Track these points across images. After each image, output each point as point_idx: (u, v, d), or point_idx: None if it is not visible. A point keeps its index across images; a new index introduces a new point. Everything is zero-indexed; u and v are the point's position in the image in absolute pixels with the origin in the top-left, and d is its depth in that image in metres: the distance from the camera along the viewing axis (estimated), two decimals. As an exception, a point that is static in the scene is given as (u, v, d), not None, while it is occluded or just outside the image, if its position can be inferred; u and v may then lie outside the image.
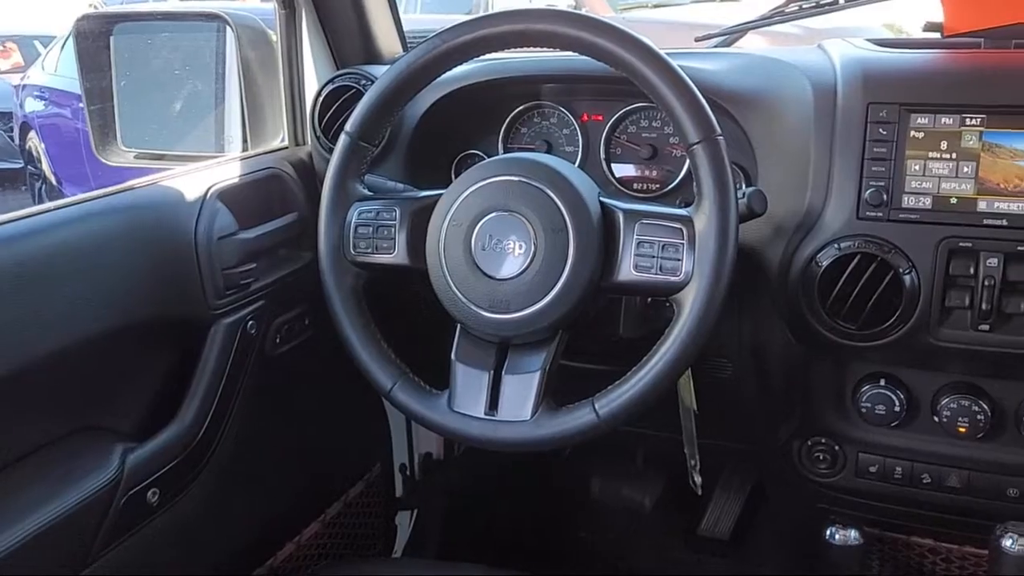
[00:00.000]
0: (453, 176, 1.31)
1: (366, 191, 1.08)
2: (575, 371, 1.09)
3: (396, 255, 1.04)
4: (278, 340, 1.25)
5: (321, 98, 1.32)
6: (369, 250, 1.05)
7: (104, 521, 1.01)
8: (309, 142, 1.37)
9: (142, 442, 1.07)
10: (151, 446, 1.08)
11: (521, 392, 0.97)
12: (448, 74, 1.06)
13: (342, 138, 1.06)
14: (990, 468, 1.13)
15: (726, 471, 1.73)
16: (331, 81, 1.32)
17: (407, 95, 1.05)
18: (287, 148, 1.38)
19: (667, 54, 0.94)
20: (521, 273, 0.96)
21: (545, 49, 1.01)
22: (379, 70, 1.24)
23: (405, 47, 1.46)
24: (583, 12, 1.00)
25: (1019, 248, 1.00)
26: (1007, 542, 1.09)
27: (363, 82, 1.29)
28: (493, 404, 0.98)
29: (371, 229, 1.05)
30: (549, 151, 1.28)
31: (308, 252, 1.26)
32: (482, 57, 1.06)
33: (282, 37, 1.35)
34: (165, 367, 1.14)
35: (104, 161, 1.45)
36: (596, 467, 1.82)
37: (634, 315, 1.13)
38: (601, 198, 0.98)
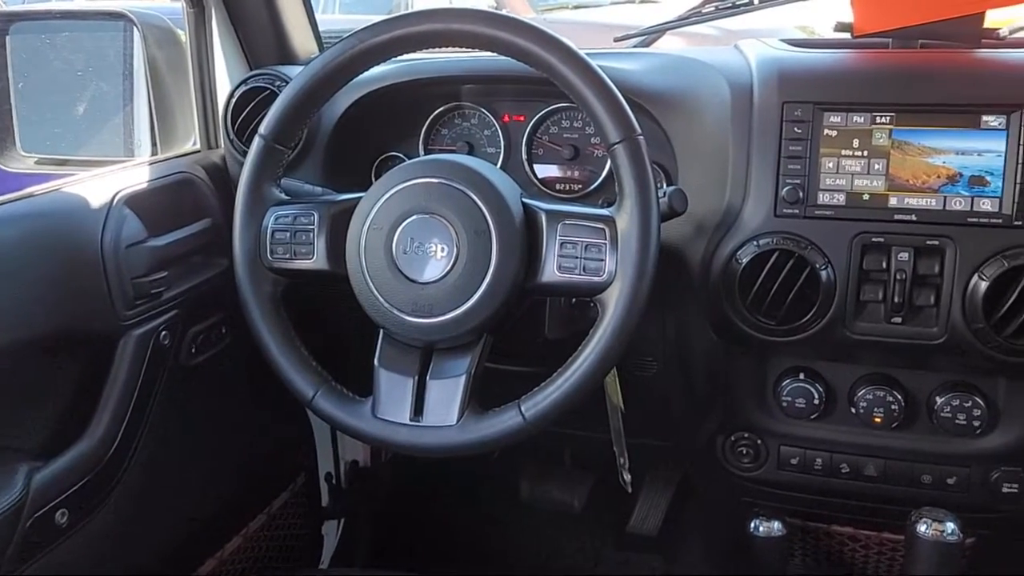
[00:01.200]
0: (373, 179, 1.29)
1: (282, 195, 1.05)
2: (501, 374, 1.09)
3: (315, 260, 1.02)
4: (193, 350, 1.21)
5: (234, 100, 1.28)
6: (287, 256, 1.02)
7: (9, 545, 0.96)
8: (222, 145, 1.33)
9: (49, 461, 1.02)
10: (59, 464, 1.03)
11: (446, 397, 0.96)
12: (366, 74, 1.05)
13: (256, 141, 1.03)
14: (905, 456, 1.17)
15: (653, 468, 1.74)
16: (244, 82, 1.28)
17: (324, 96, 1.03)
18: (199, 152, 1.34)
19: (587, 54, 0.94)
20: (444, 276, 0.95)
21: (465, 49, 1.00)
22: (294, 70, 1.21)
23: (321, 47, 1.43)
24: (503, 12, 0.99)
25: (928, 242, 1.03)
26: (922, 527, 1.13)
27: (277, 83, 1.26)
28: (418, 410, 0.97)
29: (289, 234, 1.02)
30: (471, 152, 1.27)
31: (223, 259, 1.22)
32: (401, 57, 1.05)
33: (191, 37, 1.31)
34: (73, 382, 1.09)
35: (1, 167, 1.38)
36: (524, 468, 1.82)
37: (559, 316, 1.13)
38: (523, 199, 0.98)
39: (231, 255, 1.04)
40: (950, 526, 1.12)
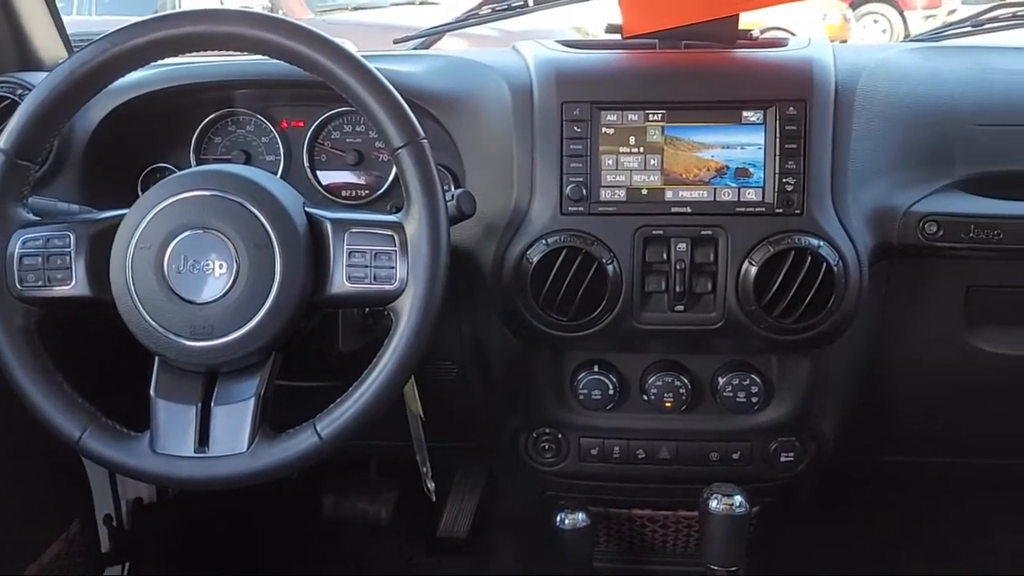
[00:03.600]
0: (140, 193, 1.19)
1: (31, 216, 0.95)
2: (295, 391, 1.04)
3: (74, 286, 0.93)
4: None
5: (-34, 110, 1.14)
6: (40, 283, 0.92)
7: None
8: (-45, 162, 1.18)
9: None
10: None
11: (234, 423, 0.91)
12: (125, 80, 0.98)
13: None
14: (694, 436, 1.23)
15: (460, 471, 1.74)
16: (-22, 90, 1.15)
17: (73, 105, 0.94)
18: (-73, 170, 1.18)
19: (365, 57, 0.92)
20: (224, 295, 0.89)
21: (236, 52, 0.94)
22: (38, 77, 1.11)
23: (71, 51, 1.31)
24: (279, 14, 0.95)
25: (702, 232, 1.09)
26: (713, 503, 1.19)
27: (19, 91, 1.15)
28: (203, 440, 0.91)
29: (40, 259, 0.92)
30: (248, 162, 1.21)
31: None
32: (166, 60, 0.97)
33: (-90, 39, 1.15)
34: None
35: None
36: (327, 483, 1.77)
37: (353, 327, 1.10)
38: (307, 208, 0.94)
39: None
40: (738, 499, 1.18)
